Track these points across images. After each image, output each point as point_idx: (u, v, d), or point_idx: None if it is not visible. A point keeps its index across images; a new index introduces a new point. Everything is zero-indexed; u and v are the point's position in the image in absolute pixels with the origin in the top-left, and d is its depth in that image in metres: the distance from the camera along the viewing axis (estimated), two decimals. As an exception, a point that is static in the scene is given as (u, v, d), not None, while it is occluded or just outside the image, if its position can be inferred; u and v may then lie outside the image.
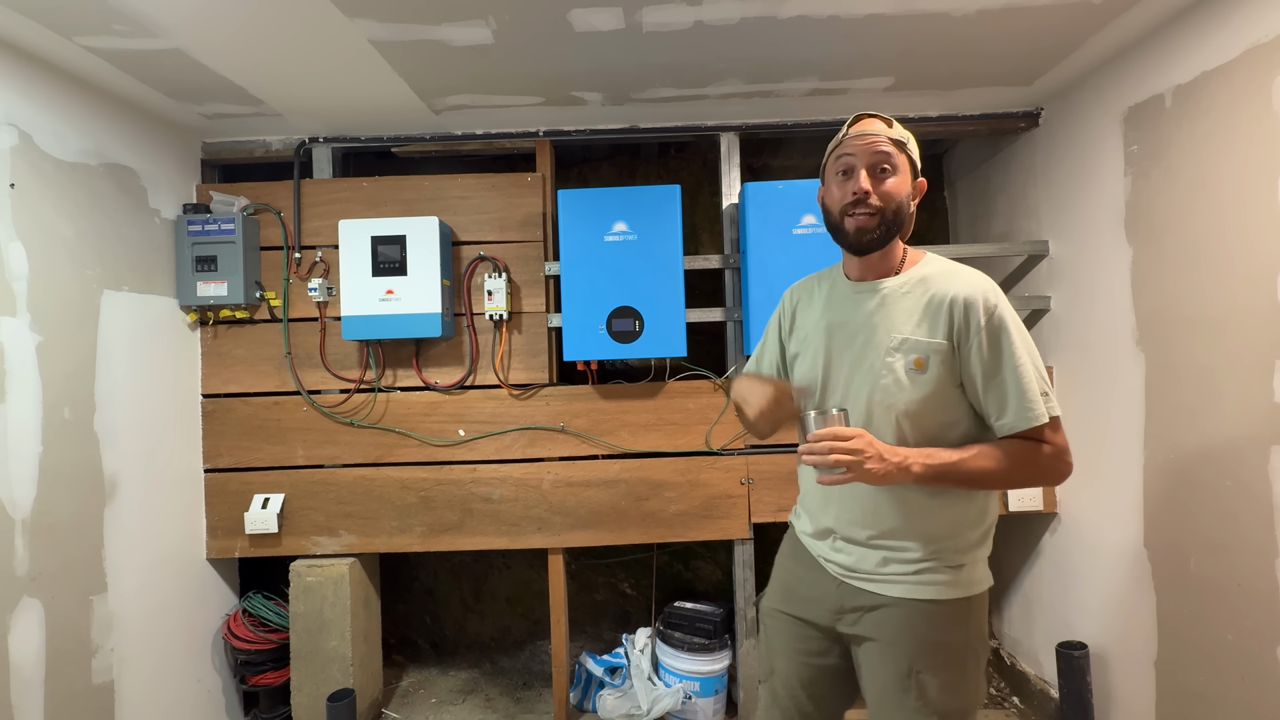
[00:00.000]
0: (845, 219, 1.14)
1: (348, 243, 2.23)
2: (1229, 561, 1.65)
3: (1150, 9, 1.72)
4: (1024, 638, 2.54)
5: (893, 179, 1.13)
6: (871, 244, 1.14)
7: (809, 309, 1.27)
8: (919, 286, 1.15)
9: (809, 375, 1.22)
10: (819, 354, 1.21)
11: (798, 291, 1.33)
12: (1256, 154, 1.55)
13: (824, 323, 1.21)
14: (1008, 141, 2.57)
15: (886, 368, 1.12)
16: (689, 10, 1.66)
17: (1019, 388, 1.07)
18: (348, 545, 2.35)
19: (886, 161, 1.12)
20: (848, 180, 1.14)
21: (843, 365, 1.18)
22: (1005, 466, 1.08)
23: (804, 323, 1.27)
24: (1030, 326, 2.46)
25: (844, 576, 1.20)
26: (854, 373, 1.16)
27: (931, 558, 1.14)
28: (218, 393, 2.37)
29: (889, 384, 1.12)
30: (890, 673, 1.15)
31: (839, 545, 1.22)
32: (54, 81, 1.85)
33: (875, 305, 1.16)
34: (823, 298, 1.25)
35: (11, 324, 1.70)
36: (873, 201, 1.11)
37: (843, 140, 1.16)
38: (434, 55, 1.84)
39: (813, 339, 1.22)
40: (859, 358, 1.16)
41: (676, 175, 2.92)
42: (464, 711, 2.52)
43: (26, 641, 1.70)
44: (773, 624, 1.34)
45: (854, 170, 1.13)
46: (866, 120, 1.16)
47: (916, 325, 1.12)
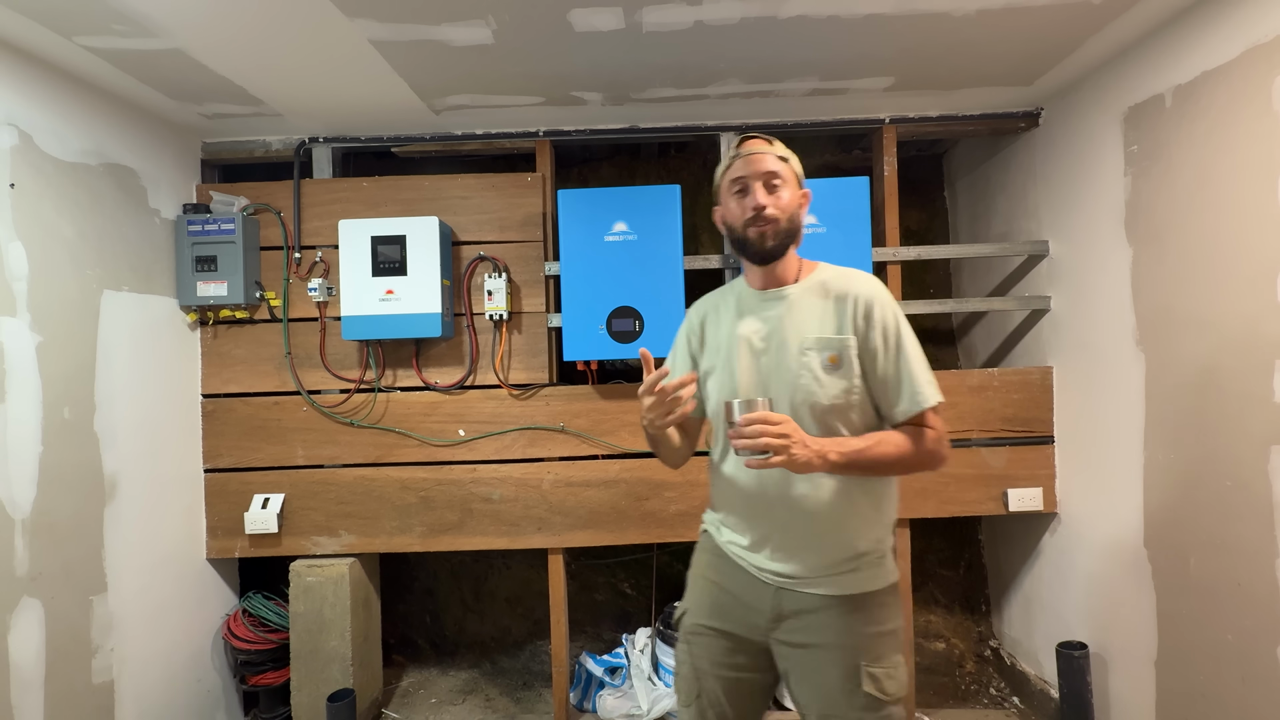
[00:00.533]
0: (748, 231, 1.22)
1: (348, 243, 2.23)
2: (1229, 561, 1.65)
3: (1150, 9, 1.72)
4: (1024, 638, 2.54)
5: (784, 191, 1.23)
6: (774, 252, 1.23)
7: (718, 323, 1.31)
8: (820, 289, 1.24)
9: (728, 384, 1.25)
10: (730, 361, 1.25)
11: (703, 308, 1.36)
12: (1256, 154, 1.55)
13: (734, 335, 1.26)
14: (1008, 141, 2.57)
15: (803, 367, 1.19)
16: (689, 10, 1.66)
17: (912, 376, 1.20)
18: (348, 545, 2.35)
19: (776, 177, 1.22)
20: (744, 197, 1.23)
21: (760, 370, 1.23)
22: (903, 451, 1.17)
23: (715, 336, 1.31)
24: (1030, 326, 2.47)
25: (783, 584, 1.22)
26: (772, 375, 1.22)
27: (864, 551, 1.21)
28: (218, 393, 2.37)
29: (808, 382, 1.18)
30: (838, 674, 1.18)
31: (776, 554, 1.23)
32: (54, 81, 1.85)
33: (784, 310, 1.24)
34: (731, 310, 1.30)
35: (11, 324, 1.70)
36: (769, 212, 1.20)
37: (733, 162, 1.25)
38: (434, 55, 1.84)
39: (725, 349, 1.27)
40: (776, 361, 1.22)
41: (676, 175, 2.92)
42: (464, 711, 2.52)
43: (26, 641, 1.70)
44: (700, 642, 1.31)
45: (749, 187, 1.22)
46: (752, 141, 1.26)
47: (825, 324, 1.21)
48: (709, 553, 1.36)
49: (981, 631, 2.79)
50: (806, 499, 1.20)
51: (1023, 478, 2.32)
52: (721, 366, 1.27)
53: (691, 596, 1.36)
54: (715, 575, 1.32)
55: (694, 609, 1.34)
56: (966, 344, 2.93)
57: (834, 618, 1.19)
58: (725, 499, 1.32)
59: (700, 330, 1.34)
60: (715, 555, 1.33)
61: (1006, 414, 2.33)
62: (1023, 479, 2.32)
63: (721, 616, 1.29)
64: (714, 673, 1.29)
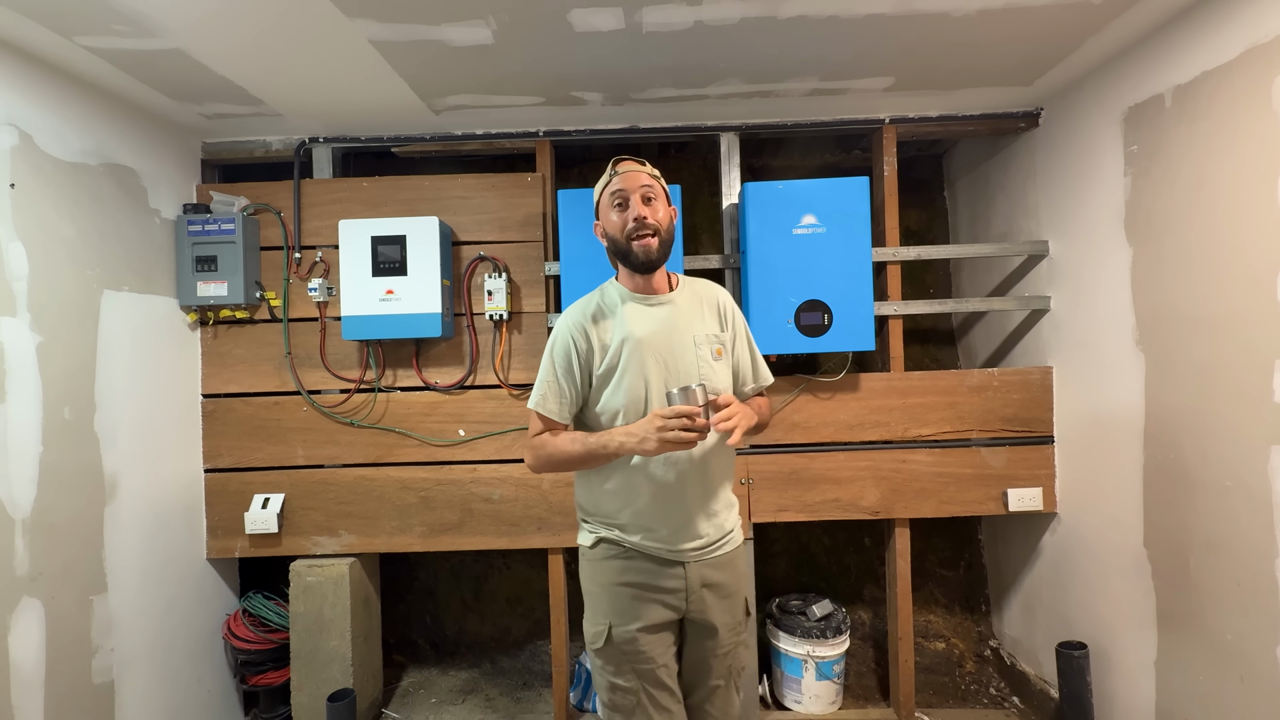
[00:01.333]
0: (632, 243, 1.35)
1: (348, 243, 2.23)
2: (1229, 561, 1.65)
3: (1150, 9, 1.72)
4: (1024, 638, 2.55)
5: (659, 205, 1.37)
6: (657, 260, 1.37)
7: (610, 331, 1.39)
8: (695, 296, 1.46)
9: (635, 384, 1.35)
10: (639, 363, 1.36)
11: (578, 321, 1.41)
12: (1256, 154, 1.55)
13: (637, 336, 1.36)
14: (1007, 141, 2.57)
15: (700, 359, 1.39)
16: (689, 10, 1.66)
17: (758, 361, 1.52)
18: (348, 545, 2.35)
19: (651, 191, 1.36)
20: (624, 210, 1.36)
21: (662, 364, 1.37)
22: (763, 415, 1.48)
23: (611, 343, 1.38)
24: (1030, 326, 2.47)
25: (698, 557, 1.40)
26: (677, 368, 1.37)
27: (733, 503, 1.49)
28: (218, 393, 2.37)
29: (706, 370, 1.38)
30: (735, 609, 1.46)
31: (691, 532, 1.39)
32: (54, 81, 1.85)
33: (673, 313, 1.41)
34: (620, 319, 1.39)
35: (12, 324, 1.70)
36: (649, 222, 1.34)
37: (612, 179, 1.38)
38: (434, 55, 1.84)
39: (626, 353, 1.36)
40: (677, 357, 1.38)
41: (676, 175, 2.92)
42: (464, 711, 2.52)
43: (26, 641, 1.70)
44: (633, 649, 1.37)
45: (628, 201, 1.35)
46: (627, 161, 1.40)
47: (708, 324, 1.44)
48: (615, 559, 1.41)
49: (981, 631, 2.79)
50: (710, 471, 1.40)
51: (1023, 478, 2.32)
52: (631, 368, 1.36)
53: (609, 608, 1.40)
54: (631, 577, 1.39)
55: (619, 619, 1.39)
56: (966, 344, 2.93)
57: (730, 568, 1.45)
58: (632, 497, 1.38)
59: (587, 340, 1.39)
60: (624, 559, 1.40)
61: (1006, 414, 2.33)
62: (1023, 479, 2.32)
63: (648, 614, 1.38)
64: (654, 670, 1.38)
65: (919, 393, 2.34)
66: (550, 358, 1.41)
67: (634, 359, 1.35)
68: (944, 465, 2.33)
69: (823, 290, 2.18)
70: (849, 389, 2.34)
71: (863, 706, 2.49)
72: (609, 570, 1.41)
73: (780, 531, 2.84)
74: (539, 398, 1.41)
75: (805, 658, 2.37)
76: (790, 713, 2.44)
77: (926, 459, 2.33)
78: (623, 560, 1.40)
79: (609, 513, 1.42)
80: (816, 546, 2.88)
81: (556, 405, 1.40)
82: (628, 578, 1.40)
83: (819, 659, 2.37)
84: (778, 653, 2.46)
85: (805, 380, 2.34)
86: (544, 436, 1.40)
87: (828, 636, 2.38)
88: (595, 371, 1.38)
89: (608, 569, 1.42)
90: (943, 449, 2.33)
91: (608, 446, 1.31)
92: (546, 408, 1.40)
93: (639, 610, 1.38)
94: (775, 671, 2.50)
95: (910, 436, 2.33)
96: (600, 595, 1.42)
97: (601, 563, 1.43)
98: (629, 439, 1.27)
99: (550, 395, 1.40)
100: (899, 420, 2.34)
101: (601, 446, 1.31)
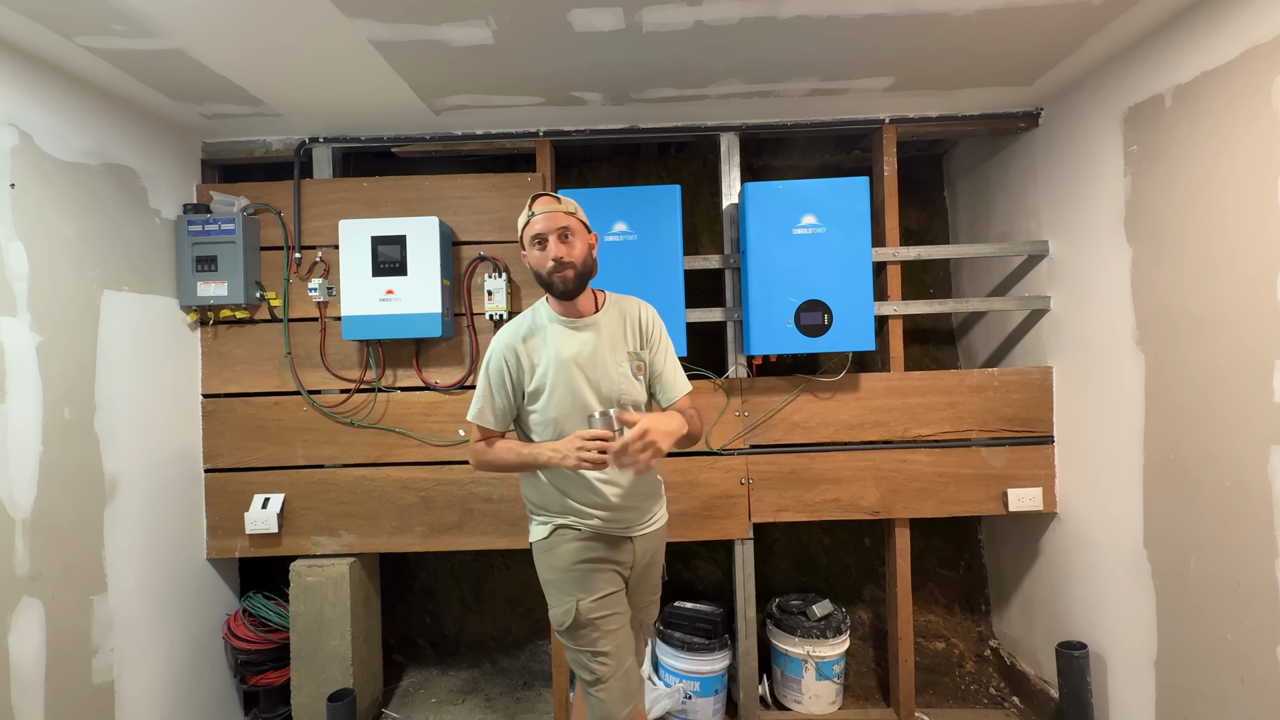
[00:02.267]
0: (553, 277, 1.49)
1: (348, 243, 2.23)
2: (1229, 561, 1.65)
3: (1150, 9, 1.72)
4: (1024, 638, 2.55)
5: (575, 241, 1.50)
6: (575, 292, 1.52)
7: (538, 351, 1.54)
8: (619, 314, 1.59)
9: (564, 399, 1.51)
10: (569, 380, 1.50)
11: (510, 342, 1.55)
12: (1256, 154, 1.55)
13: (563, 357, 1.51)
14: (1007, 141, 2.57)
15: (622, 375, 1.54)
16: (689, 10, 1.66)
17: (678, 373, 1.64)
18: (348, 545, 2.35)
19: (567, 229, 1.49)
20: (544, 249, 1.49)
21: (587, 381, 1.52)
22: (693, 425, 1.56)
23: (539, 362, 1.53)
24: (1030, 326, 2.47)
25: (641, 531, 1.60)
26: (602, 384, 1.52)
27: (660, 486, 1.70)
28: (218, 393, 2.37)
29: (627, 386, 1.54)
30: (657, 574, 1.70)
31: (633, 513, 1.58)
32: (54, 82, 1.85)
33: (597, 334, 1.55)
34: (550, 340, 1.53)
35: (12, 324, 1.70)
36: (565, 260, 1.48)
37: (530, 219, 1.50)
38: (434, 55, 1.84)
39: (554, 371, 1.51)
40: (602, 374, 1.53)
41: (676, 175, 2.92)
42: (464, 711, 2.52)
43: (27, 641, 1.70)
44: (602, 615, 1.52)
45: (546, 241, 1.48)
46: (543, 200, 1.52)
47: (630, 341, 1.58)
48: (572, 542, 1.55)
49: (981, 631, 2.79)
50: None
51: (1023, 478, 2.32)
52: (560, 385, 1.51)
53: (572, 587, 1.53)
54: (589, 554, 1.55)
55: (584, 592, 1.52)
56: (966, 344, 2.93)
57: (657, 542, 1.66)
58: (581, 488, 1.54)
59: (517, 360, 1.54)
60: (583, 540, 1.55)
61: (1006, 414, 2.33)
62: (1023, 479, 2.32)
63: (609, 582, 1.55)
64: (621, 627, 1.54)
65: (919, 393, 2.34)
66: (486, 375, 1.57)
67: (561, 377, 1.51)
68: (944, 465, 2.33)
69: (823, 290, 2.18)
70: (849, 389, 2.34)
71: (863, 706, 2.49)
72: (567, 554, 1.55)
73: (780, 531, 2.84)
74: (477, 411, 1.57)
75: (805, 658, 2.37)
76: (790, 713, 2.44)
77: (926, 459, 2.33)
78: (580, 541, 1.55)
79: (560, 503, 1.56)
80: (816, 546, 2.88)
81: (493, 418, 1.57)
82: (586, 555, 1.55)
83: (819, 659, 2.37)
84: (778, 653, 2.46)
85: (805, 380, 2.34)
86: (484, 444, 1.58)
87: (828, 636, 2.38)
88: (526, 388, 1.54)
89: (565, 553, 1.55)
90: (943, 449, 2.33)
91: (536, 459, 1.48)
92: (484, 419, 1.57)
93: (599, 582, 1.54)
94: (775, 671, 2.50)
95: (910, 436, 2.33)
96: (561, 579, 1.55)
97: (559, 548, 1.56)
98: (554, 454, 1.44)
99: (487, 409, 1.57)
100: (899, 420, 2.34)
101: (532, 457, 1.49)
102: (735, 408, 2.35)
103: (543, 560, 1.59)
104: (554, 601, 1.56)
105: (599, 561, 1.55)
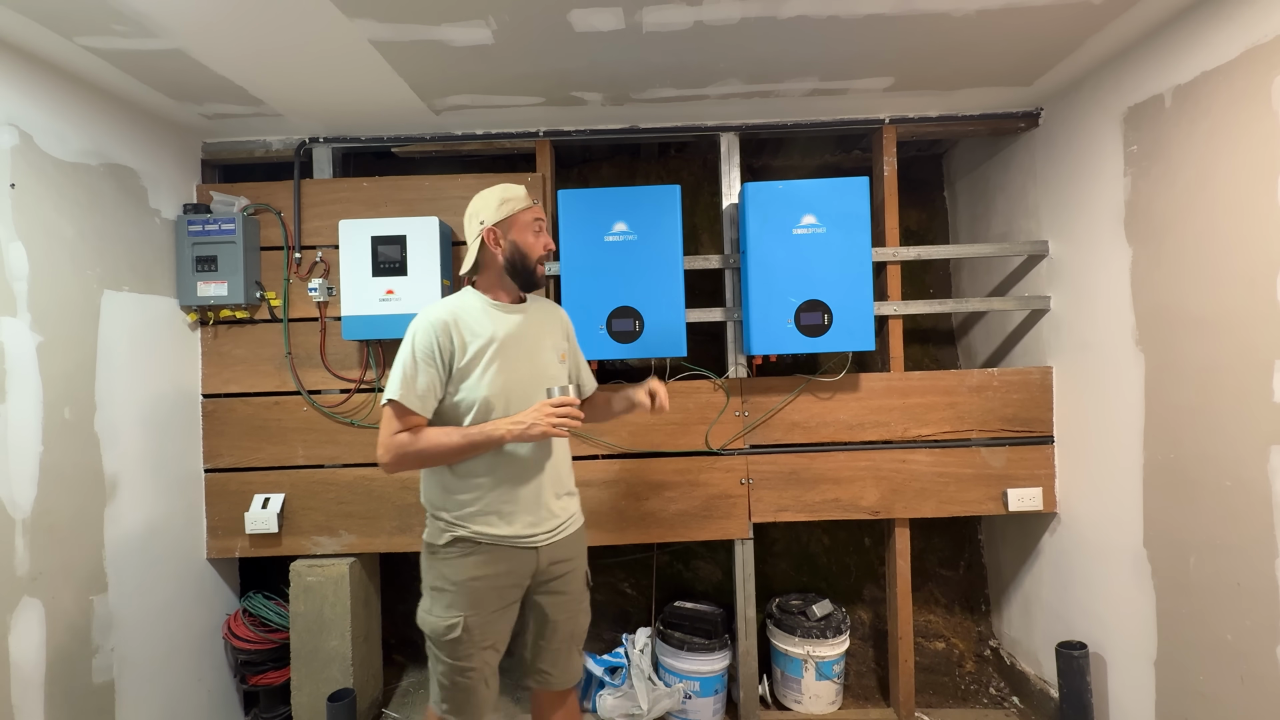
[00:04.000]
0: (539, 266, 1.56)
1: (348, 243, 2.23)
2: (1229, 561, 1.65)
3: (1150, 9, 1.72)
4: (1024, 638, 2.55)
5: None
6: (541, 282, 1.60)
7: (471, 329, 1.51)
8: (541, 307, 1.67)
9: (497, 379, 1.50)
10: (503, 361, 1.51)
11: (443, 322, 1.49)
12: (1256, 154, 1.55)
13: (498, 339, 1.52)
14: (1007, 141, 2.57)
15: (550, 361, 1.61)
16: (689, 10, 1.66)
17: (588, 369, 1.79)
18: (348, 545, 2.35)
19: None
20: (539, 236, 1.56)
21: (522, 364, 1.55)
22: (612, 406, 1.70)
23: (471, 340, 1.50)
24: (1030, 326, 2.47)
25: (550, 539, 1.56)
26: (532, 367, 1.56)
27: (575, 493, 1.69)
28: (218, 393, 2.37)
29: (555, 371, 1.62)
30: (579, 579, 1.66)
31: (544, 515, 1.55)
32: (54, 82, 1.85)
33: (528, 321, 1.59)
34: (484, 322, 1.53)
35: (12, 324, 1.70)
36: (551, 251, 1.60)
37: (531, 205, 1.57)
38: (434, 55, 1.84)
39: (492, 349, 1.51)
40: (532, 357, 1.57)
41: (676, 175, 2.92)
42: (464, 711, 2.51)
43: (26, 641, 1.70)
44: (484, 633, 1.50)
45: (543, 229, 1.57)
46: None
47: (555, 331, 1.67)
48: (471, 556, 1.50)
49: (981, 631, 2.79)
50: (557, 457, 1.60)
51: (1023, 478, 2.32)
52: (495, 364, 1.50)
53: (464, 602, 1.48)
54: (487, 570, 1.50)
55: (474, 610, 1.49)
56: (966, 344, 2.93)
57: (576, 544, 1.64)
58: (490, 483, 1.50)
59: (449, 336, 1.48)
60: (480, 554, 1.50)
61: (1006, 414, 2.33)
62: (1023, 479, 2.32)
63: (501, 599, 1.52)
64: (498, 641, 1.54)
65: (919, 393, 2.34)
66: (411, 352, 1.46)
67: (498, 357, 1.51)
68: (944, 465, 2.33)
69: (823, 290, 2.18)
70: (849, 389, 2.34)
71: (863, 706, 2.49)
72: (464, 567, 1.50)
73: (780, 531, 2.84)
74: (400, 392, 1.44)
75: (805, 658, 2.38)
76: (790, 713, 2.44)
77: (926, 459, 2.33)
78: (479, 556, 1.50)
79: (464, 504, 1.50)
80: (816, 546, 2.88)
81: (417, 399, 1.45)
82: (484, 571, 1.50)
83: (819, 659, 2.37)
84: (778, 653, 2.46)
85: (805, 380, 2.34)
86: (409, 434, 1.44)
87: (828, 636, 2.38)
88: (456, 365, 1.49)
89: (463, 566, 1.50)
90: (943, 449, 2.33)
91: (492, 435, 1.43)
92: (409, 400, 1.44)
93: (493, 599, 1.51)
94: (775, 671, 2.50)
95: (910, 436, 2.34)
96: (454, 591, 1.49)
97: (456, 561, 1.50)
98: (516, 426, 1.42)
99: (413, 389, 1.45)
100: (899, 420, 2.34)
101: (484, 435, 1.43)
102: (735, 408, 2.35)
103: (435, 567, 1.53)
104: (438, 612, 1.50)
105: (495, 577, 1.50)
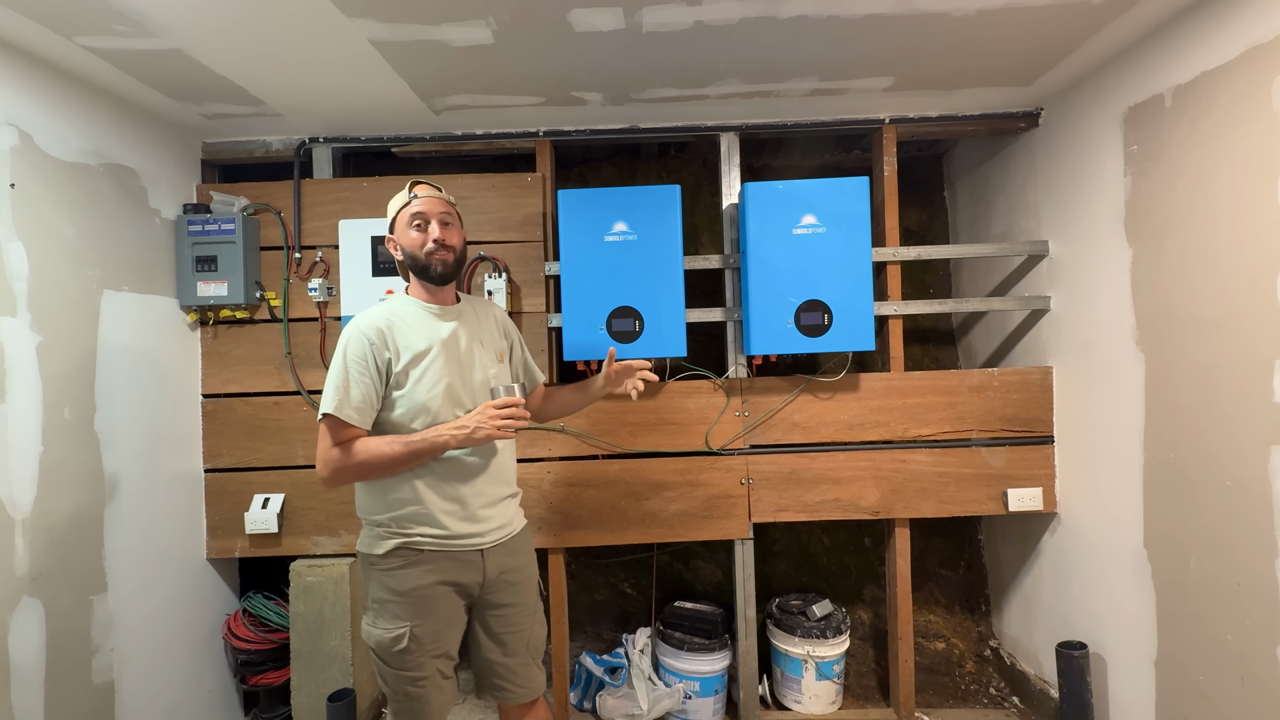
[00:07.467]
0: (430, 259, 1.50)
1: (348, 243, 2.23)
2: (1229, 561, 1.65)
3: (1150, 9, 1.72)
4: (1024, 638, 2.55)
5: (454, 229, 1.54)
6: (450, 276, 1.54)
7: (405, 335, 1.49)
8: (477, 309, 1.65)
9: (437, 383, 1.48)
10: (442, 364, 1.49)
11: (376, 327, 1.46)
12: (1256, 154, 1.55)
13: (434, 342, 1.50)
14: (1007, 141, 2.57)
15: (490, 360, 1.59)
16: (689, 10, 1.66)
17: (531, 363, 1.80)
18: (348, 545, 2.34)
19: (449, 217, 1.54)
20: (423, 231, 1.50)
21: (459, 366, 1.53)
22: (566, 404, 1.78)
23: (406, 345, 1.48)
24: (1030, 326, 2.47)
25: (496, 541, 1.54)
26: (469, 369, 1.54)
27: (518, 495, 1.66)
28: (218, 393, 2.37)
29: (494, 372, 1.59)
30: (531, 589, 1.63)
31: (489, 513, 1.53)
32: (54, 81, 1.85)
33: (462, 323, 1.57)
34: (417, 327, 1.51)
35: (11, 324, 1.70)
36: (447, 244, 1.51)
37: (411, 201, 1.52)
38: (434, 55, 1.84)
39: (429, 357, 1.49)
40: (469, 359, 1.55)
41: (676, 175, 2.92)
42: (464, 711, 2.51)
43: (26, 641, 1.70)
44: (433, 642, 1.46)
45: (428, 223, 1.50)
46: (425, 186, 1.55)
47: (494, 332, 1.66)
48: (414, 566, 1.46)
49: (981, 631, 2.80)
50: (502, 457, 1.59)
51: (1023, 478, 2.32)
52: (433, 368, 1.48)
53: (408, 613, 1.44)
54: (431, 579, 1.46)
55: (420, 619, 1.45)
56: (966, 344, 2.93)
57: (522, 547, 1.62)
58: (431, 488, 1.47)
59: (383, 342, 1.45)
60: (424, 564, 1.46)
61: (1006, 414, 2.33)
62: (1023, 479, 2.32)
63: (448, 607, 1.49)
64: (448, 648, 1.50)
65: (919, 393, 2.34)
66: (343, 362, 1.41)
67: (436, 361, 1.48)
68: (944, 465, 2.33)
69: (823, 290, 2.18)
70: (849, 389, 2.34)
71: (863, 706, 2.49)
72: (407, 578, 1.45)
73: (780, 531, 2.84)
74: (335, 403, 1.38)
75: (805, 658, 2.38)
76: (790, 713, 2.44)
77: (926, 459, 2.33)
78: (422, 565, 1.46)
79: (402, 504, 1.46)
80: (816, 546, 2.88)
81: (354, 410, 1.40)
82: (428, 579, 1.46)
83: (819, 659, 2.37)
84: (778, 653, 2.46)
85: (805, 380, 2.34)
86: (348, 446, 1.40)
87: (828, 636, 2.38)
88: (393, 371, 1.45)
89: (405, 577, 1.45)
90: (943, 449, 2.33)
91: (435, 442, 1.39)
92: (344, 413, 1.39)
93: (439, 607, 1.47)
94: (775, 671, 2.50)
95: (910, 436, 2.34)
96: (399, 602, 1.45)
97: (398, 571, 1.45)
98: (459, 431, 1.39)
99: (348, 400, 1.39)
100: (899, 420, 2.34)
101: (427, 443, 1.39)
102: (735, 408, 2.35)
103: (377, 578, 1.47)
104: (383, 624, 1.44)
105: (441, 585, 1.47)
